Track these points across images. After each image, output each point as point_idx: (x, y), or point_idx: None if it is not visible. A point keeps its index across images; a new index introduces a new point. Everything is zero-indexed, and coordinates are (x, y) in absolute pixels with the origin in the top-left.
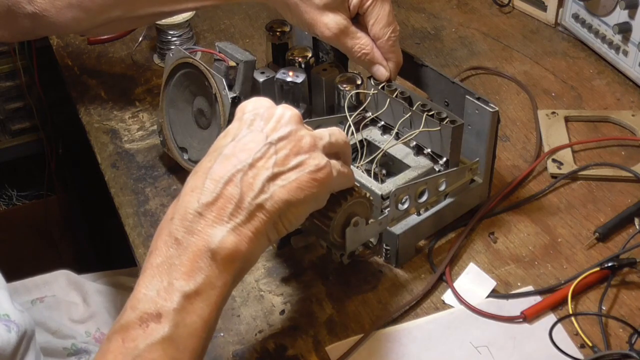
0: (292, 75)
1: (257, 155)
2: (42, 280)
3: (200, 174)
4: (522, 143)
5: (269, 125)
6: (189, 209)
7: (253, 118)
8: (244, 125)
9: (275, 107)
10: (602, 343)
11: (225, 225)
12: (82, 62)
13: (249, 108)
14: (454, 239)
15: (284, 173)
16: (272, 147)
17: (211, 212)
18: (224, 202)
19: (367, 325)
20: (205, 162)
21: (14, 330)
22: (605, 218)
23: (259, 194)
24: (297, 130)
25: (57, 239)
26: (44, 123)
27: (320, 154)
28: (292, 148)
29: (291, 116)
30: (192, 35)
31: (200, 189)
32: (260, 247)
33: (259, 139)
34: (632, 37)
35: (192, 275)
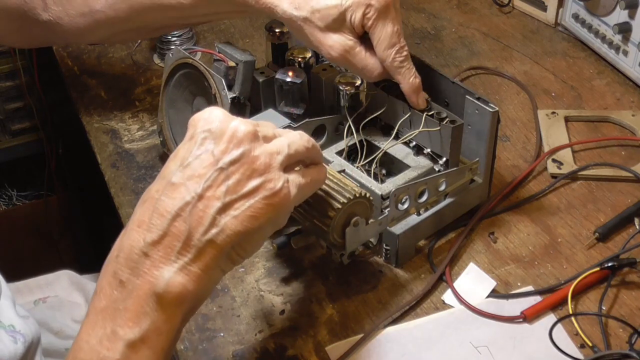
0: (292, 75)
1: (207, 183)
2: (44, 280)
3: (147, 206)
4: (522, 143)
5: (219, 147)
6: (134, 247)
7: (204, 137)
8: (194, 145)
9: (228, 122)
10: (602, 343)
11: (172, 265)
12: (82, 62)
13: (201, 124)
14: (454, 239)
15: (236, 201)
16: (223, 172)
17: (157, 251)
18: (171, 240)
19: (367, 325)
20: (153, 191)
21: (20, 341)
22: (605, 218)
23: (209, 228)
24: (251, 150)
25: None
26: (44, 123)
27: (276, 173)
28: (245, 172)
29: (245, 133)
30: (192, 36)
31: (146, 225)
32: (212, 282)
33: (208, 163)
34: (632, 37)
35: (137, 322)
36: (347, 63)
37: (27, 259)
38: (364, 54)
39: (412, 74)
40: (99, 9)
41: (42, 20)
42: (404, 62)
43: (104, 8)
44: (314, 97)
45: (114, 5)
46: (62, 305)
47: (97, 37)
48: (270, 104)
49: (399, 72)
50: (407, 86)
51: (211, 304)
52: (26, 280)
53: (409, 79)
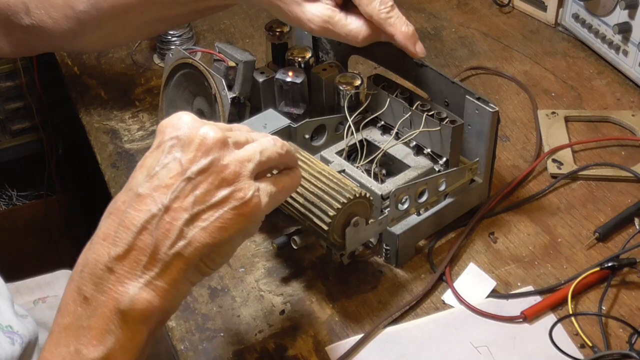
0: (292, 75)
1: (174, 194)
2: (44, 280)
3: (113, 218)
4: (522, 143)
5: (187, 155)
6: (99, 262)
7: (172, 144)
8: (161, 154)
9: (197, 128)
10: (602, 343)
11: (138, 280)
12: (82, 62)
13: (168, 130)
14: (454, 239)
15: (205, 212)
16: (191, 182)
17: (123, 266)
18: (136, 254)
19: (367, 325)
20: (119, 203)
21: (17, 342)
22: (605, 218)
23: (176, 241)
24: (220, 159)
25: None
26: (44, 123)
27: (247, 182)
28: (214, 181)
29: (214, 140)
30: (192, 36)
31: (112, 238)
32: (181, 295)
33: (176, 172)
34: (632, 37)
35: (101, 340)
36: (330, 33)
37: (27, 259)
38: (345, 19)
39: (403, 22)
40: (82, 10)
41: (25, 24)
42: (390, 12)
43: (86, 8)
44: (314, 97)
45: (96, 5)
46: None
47: (85, 41)
48: (270, 104)
49: (389, 24)
50: (402, 36)
51: (211, 304)
52: (25, 280)
53: (401, 27)
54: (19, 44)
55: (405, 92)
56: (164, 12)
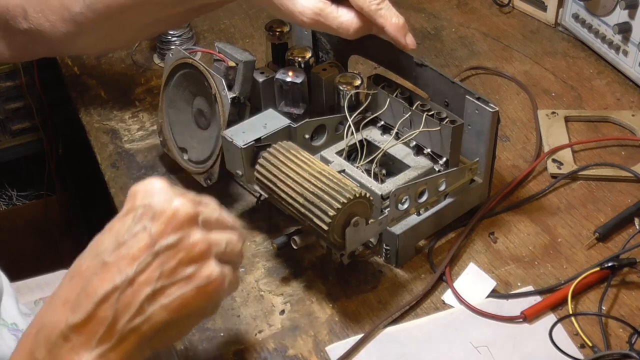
0: (292, 75)
1: (140, 267)
2: (44, 280)
3: (76, 282)
4: (522, 143)
5: (157, 227)
6: (55, 328)
7: (142, 212)
8: (131, 221)
9: (170, 200)
10: (602, 343)
11: (92, 352)
12: (82, 62)
13: (140, 196)
14: (454, 239)
15: (168, 287)
16: (158, 257)
17: (79, 336)
18: (94, 325)
19: (367, 325)
20: (84, 267)
21: None
22: (605, 218)
23: (135, 315)
24: (190, 235)
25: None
26: (44, 123)
27: (213, 262)
28: (181, 258)
29: (185, 216)
30: (192, 36)
31: (72, 304)
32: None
33: (144, 244)
34: (632, 37)
35: None
36: (321, 26)
37: (27, 259)
38: (336, 12)
39: (393, 14)
40: (78, 12)
41: (24, 28)
42: (381, 4)
43: (82, 10)
44: (314, 97)
45: (92, 6)
46: None
47: (84, 44)
48: (270, 104)
49: (380, 15)
50: (392, 27)
51: None
52: (26, 280)
53: (392, 19)
54: (18, 48)
55: (405, 92)
56: (160, 12)
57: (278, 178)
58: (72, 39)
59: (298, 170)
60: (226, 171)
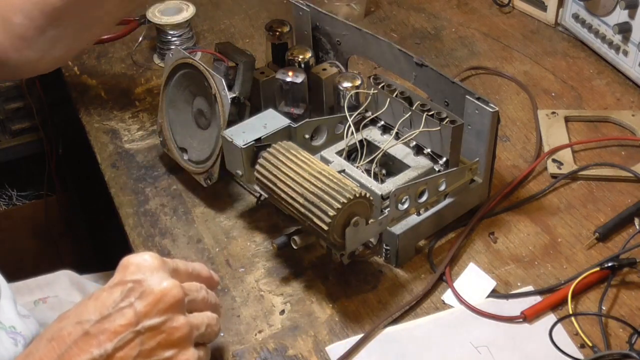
0: (292, 75)
1: (119, 343)
2: (44, 280)
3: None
4: (522, 143)
5: (143, 307)
6: None
7: (131, 287)
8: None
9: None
10: (602, 343)
11: None
12: (82, 62)
13: (131, 269)
14: (454, 239)
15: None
16: (139, 337)
17: None
18: None
19: (367, 325)
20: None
21: (20, 343)
22: (605, 218)
23: None
24: (173, 319)
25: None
26: (44, 123)
27: (191, 348)
28: (162, 341)
29: (173, 299)
30: (192, 36)
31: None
32: None
33: (127, 322)
34: (632, 37)
35: None
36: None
37: (27, 259)
38: None
39: None
40: (18, 23)
41: None
42: None
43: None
44: (314, 97)
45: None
46: (62, 305)
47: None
48: (270, 104)
49: None
50: None
51: None
52: (26, 281)
53: None
54: None
55: (405, 92)
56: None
57: (278, 178)
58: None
59: (298, 170)
60: (226, 171)
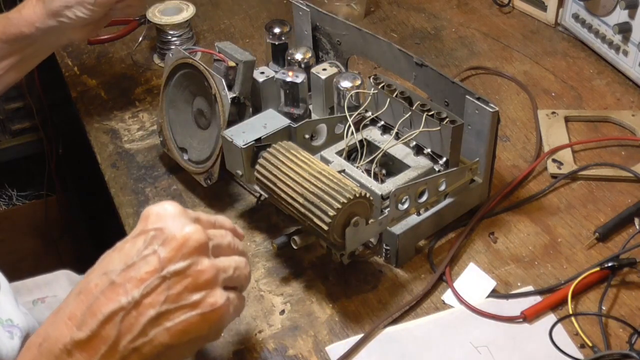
0: (292, 75)
1: (146, 290)
2: (43, 280)
3: (82, 299)
4: (522, 143)
5: (167, 253)
6: (59, 342)
7: (153, 235)
8: (142, 243)
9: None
10: (602, 343)
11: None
12: (82, 62)
13: (152, 219)
14: (454, 239)
15: (172, 312)
16: (165, 282)
17: (81, 352)
18: (97, 343)
19: (367, 325)
20: (92, 285)
21: (17, 335)
22: (605, 218)
23: (137, 337)
24: (198, 263)
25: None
26: (44, 123)
27: (219, 290)
28: (188, 285)
29: (196, 243)
30: (192, 36)
31: (77, 320)
32: None
33: (152, 268)
34: (632, 37)
35: None
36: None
37: (27, 259)
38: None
39: None
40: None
41: None
42: None
43: None
44: (314, 97)
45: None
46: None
47: None
48: (270, 104)
49: None
50: None
51: None
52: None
53: None
54: None
55: (405, 92)
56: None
57: (278, 178)
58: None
59: (298, 170)
60: (226, 171)
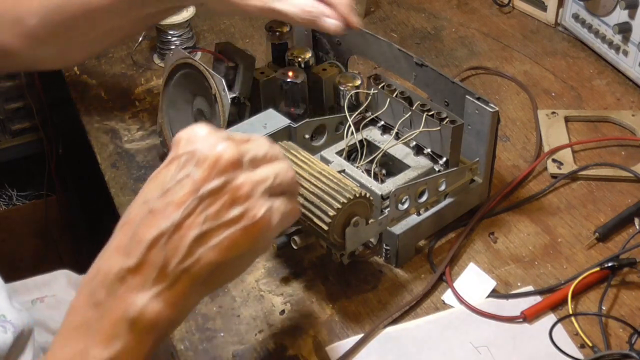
0: (292, 75)
1: (186, 211)
2: (42, 280)
3: (126, 230)
4: (522, 143)
5: (201, 173)
6: (111, 271)
7: (186, 159)
8: (175, 168)
9: (213, 146)
10: (602, 343)
11: (147, 292)
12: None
13: (183, 143)
14: (454, 239)
15: (214, 231)
16: (203, 202)
17: (133, 278)
18: (146, 268)
19: (367, 325)
20: (132, 215)
21: (10, 330)
22: (605, 218)
23: (184, 258)
24: (234, 179)
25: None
26: (44, 123)
27: (259, 201)
28: (226, 201)
29: (229, 159)
30: (192, 36)
31: (124, 250)
32: (188, 309)
33: (188, 190)
34: (632, 37)
35: (109, 343)
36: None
37: (27, 259)
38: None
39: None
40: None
41: None
42: None
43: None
44: (314, 97)
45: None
46: (60, 304)
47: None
48: (270, 104)
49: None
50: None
51: (211, 304)
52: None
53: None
54: None
55: (405, 92)
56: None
57: None
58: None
59: (298, 170)
60: None
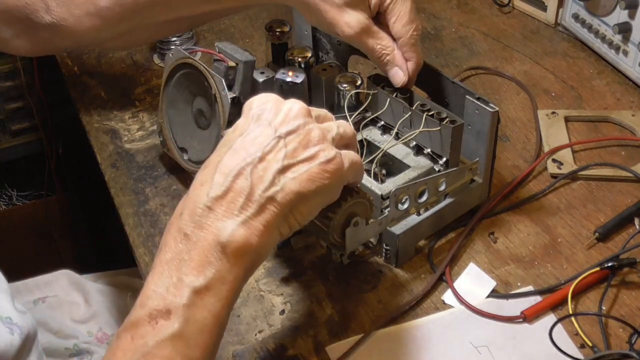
0: (292, 75)
1: (267, 148)
2: (43, 280)
3: (209, 168)
4: (522, 143)
5: (277, 119)
6: (198, 203)
7: (260, 112)
8: (251, 120)
9: (283, 102)
10: (602, 343)
11: (236, 218)
12: (82, 62)
13: (256, 104)
14: (454, 239)
15: (294, 165)
16: (281, 140)
17: (221, 205)
18: (233, 196)
19: (367, 325)
20: (214, 157)
21: (16, 332)
22: (605, 218)
23: (269, 186)
24: (306, 124)
25: (57, 239)
26: (44, 123)
27: (329, 145)
28: (301, 141)
29: (299, 109)
30: (192, 36)
31: (209, 183)
32: (272, 241)
33: (267, 132)
34: (632, 37)
35: (202, 270)
36: (361, 41)
37: (27, 259)
38: (379, 33)
39: (420, 50)
40: (105, 6)
41: (46, 23)
42: (418, 38)
43: (110, 4)
44: (314, 97)
45: (119, 0)
46: (61, 305)
47: (108, 40)
48: None
49: (414, 49)
50: (418, 63)
51: None
52: (25, 280)
53: (420, 55)
54: (39, 43)
55: (405, 92)
56: (187, 10)
57: None
58: (96, 34)
59: None
60: None
